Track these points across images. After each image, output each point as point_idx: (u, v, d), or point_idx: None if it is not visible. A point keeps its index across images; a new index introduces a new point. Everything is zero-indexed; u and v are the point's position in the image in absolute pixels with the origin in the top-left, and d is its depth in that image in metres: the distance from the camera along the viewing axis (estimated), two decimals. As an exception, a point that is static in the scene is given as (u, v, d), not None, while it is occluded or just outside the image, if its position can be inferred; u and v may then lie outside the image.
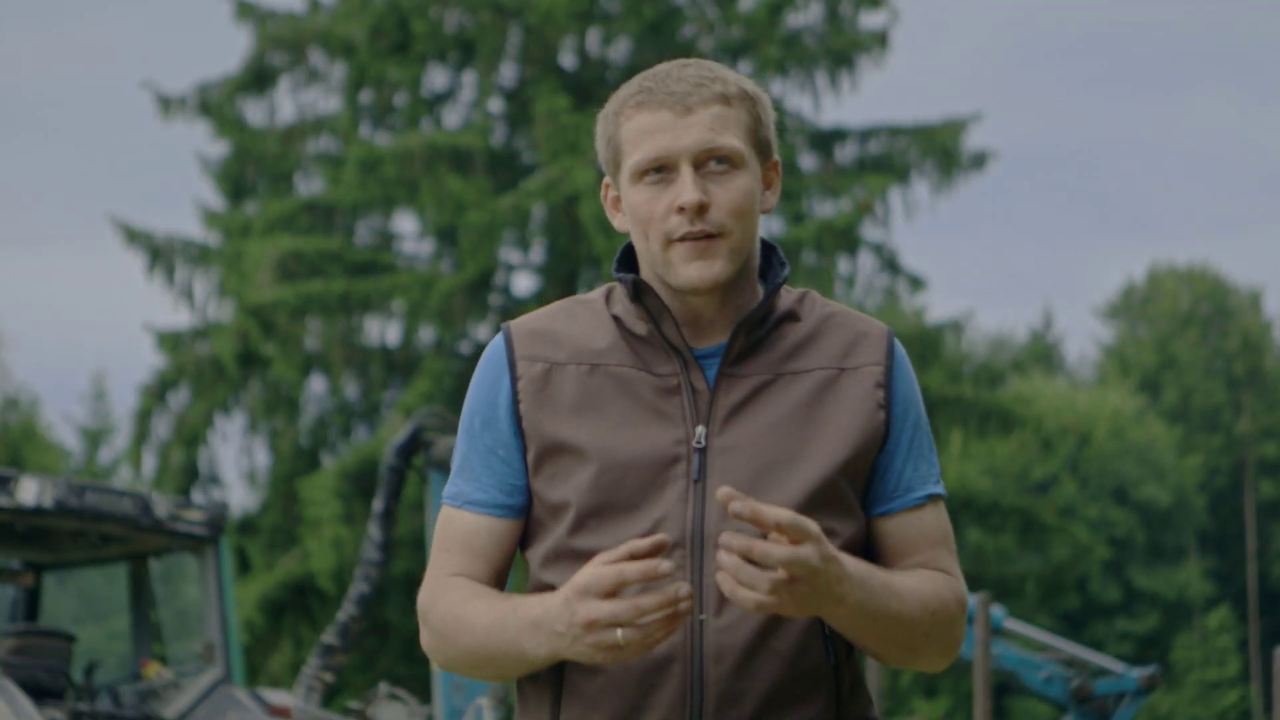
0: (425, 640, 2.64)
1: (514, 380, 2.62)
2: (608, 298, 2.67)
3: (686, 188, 2.55)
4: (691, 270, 2.56)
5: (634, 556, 2.37)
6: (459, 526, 2.65)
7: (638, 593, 2.42)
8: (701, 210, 2.55)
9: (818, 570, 2.35)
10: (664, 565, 2.35)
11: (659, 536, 2.38)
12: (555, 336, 2.63)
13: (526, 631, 2.47)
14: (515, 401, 2.61)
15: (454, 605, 2.58)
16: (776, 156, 2.68)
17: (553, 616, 2.42)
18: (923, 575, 2.58)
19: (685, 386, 2.58)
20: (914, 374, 2.68)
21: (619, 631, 2.36)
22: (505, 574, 2.66)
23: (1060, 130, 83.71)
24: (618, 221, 2.66)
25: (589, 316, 2.65)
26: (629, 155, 2.59)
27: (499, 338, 2.67)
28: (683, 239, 2.56)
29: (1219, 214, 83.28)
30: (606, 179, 2.67)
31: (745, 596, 2.34)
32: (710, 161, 2.56)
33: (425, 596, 2.63)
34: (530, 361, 2.62)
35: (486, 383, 2.65)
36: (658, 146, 2.56)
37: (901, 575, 2.55)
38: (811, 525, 2.35)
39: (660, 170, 2.57)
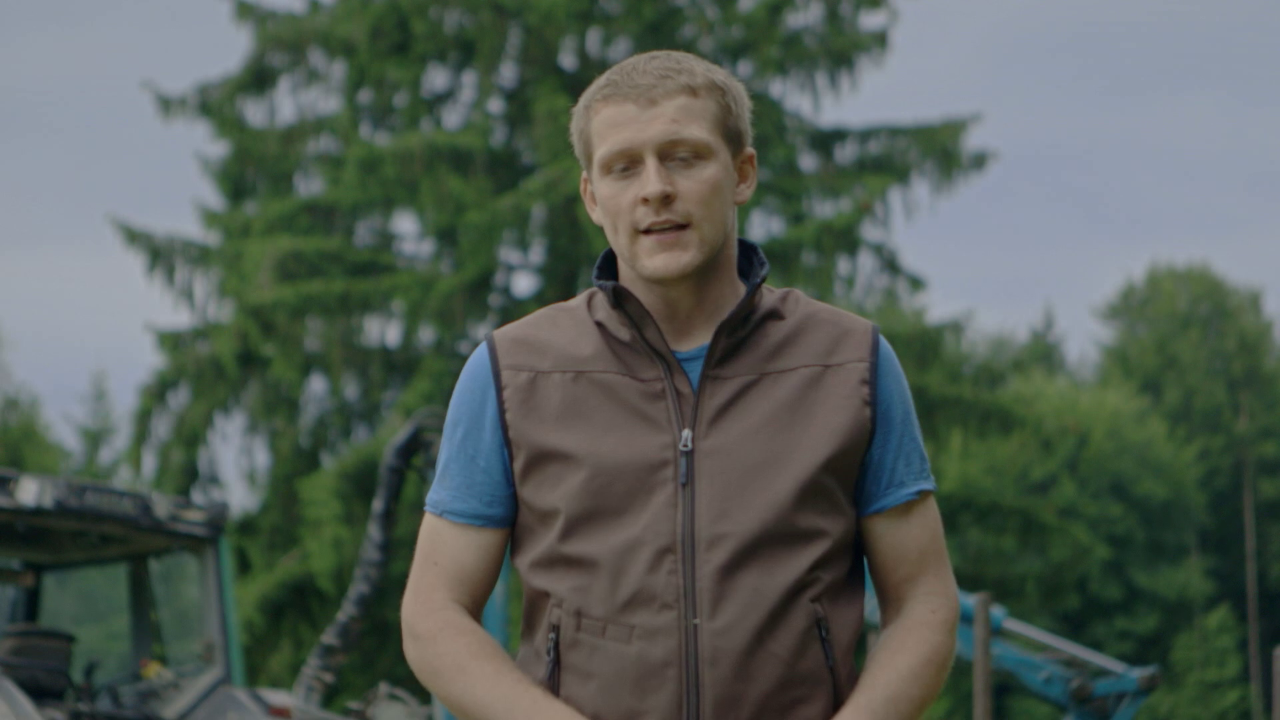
0: (411, 652, 2.64)
1: (499, 390, 2.61)
2: (589, 303, 2.67)
3: (650, 179, 2.55)
4: (658, 260, 2.56)
5: None
6: (443, 538, 2.65)
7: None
8: (667, 201, 2.55)
9: None
10: None
11: None
12: (539, 345, 2.63)
13: None
14: (501, 411, 2.61)
15: (459, 653, 2.59)
16: (751, 149, 2.67)
17: None
18: (913, 627, 2.61)
19: (670, 391, 2.58)
20: (901, 370, 2.67)
21: None
22: (490, 585, 2.67)
23: (1060, 131, 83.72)
24: (595, 215, 2.66)
25: (572, 324, 2.65)
26: (597, 148, 2.60)
27: (482, 348, 2.66)
28: (648, 230, 2.56)
29: (1217, 215, 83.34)
30: (584, 174, 2.68)
31: None
32: (676, 153, 2.56)
33: (415, 610, 2.63)
34: (515, 371, 2.61)
35: (470, 393, 2.65)
36: (622, 139, 2.56)
37: (907, 667, 2.58)
38: None
39: (626, 163, 2.57)
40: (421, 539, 2.68)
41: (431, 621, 2.61)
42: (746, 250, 2.70)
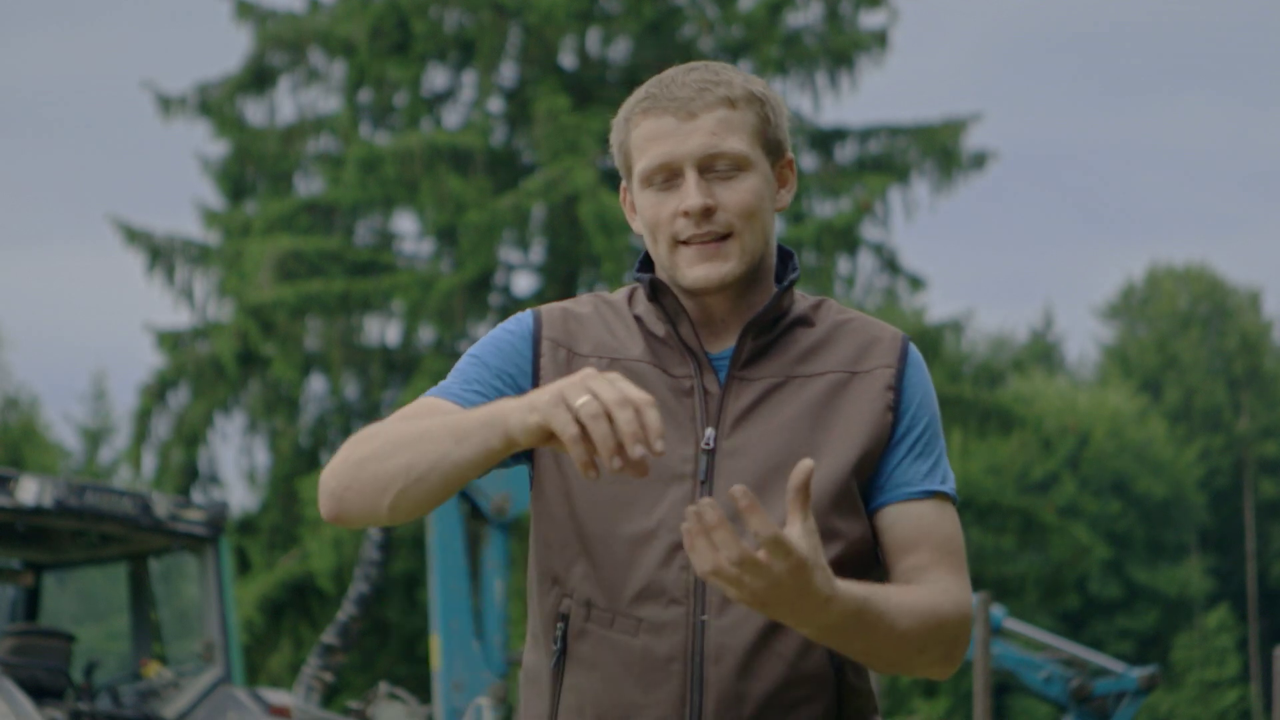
0: (332, 479, 2.46)
1: (537, 357, 2.61)
2: (630, 298, 2.68)
3: (690, 193, 2.56)
4: (699, 271, 2.57)
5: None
6: (426, 404, 2.54)
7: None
8: (707, 214, 2.56)
9: (779, 580, 2.26)
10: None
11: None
12: (579, 329, 2.64)
13: (493, 410, 2.34)
14: (537, 378, 2.59)
15: (398, 418, 2.46)
16: (790, 155, 2.68)
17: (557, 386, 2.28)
18: (923, 588, 2.52)
19: (698, 389, 2.58)
20: (929, 381, 2.66)
21: (585, 397, 2.23)
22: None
23: (1059, 131, 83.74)
24: (636, 225, 2.67)
25: (612, 315, 2.66)
26: (637, 161, 2.61)
27: (527, 314, 2.65)
28: (688, 241, 2.57)
29: (1216, 215, 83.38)
30: (624, 183, 2.69)
31: (701, 561, 2.23)
32: (716, 165, 2.57)
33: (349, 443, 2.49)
34: (555, 345, 2.62)
35: (514, 335, 2.62)
36: (662, 152, 2.57)
37: (899, 591, 2.50)
38: (794, 549, 2.24)
39: (667, 175, 2.58)
40: (390, 418, 2.55)
41: (355, 439, 2.48)
42: (784, 255, 2.70)
